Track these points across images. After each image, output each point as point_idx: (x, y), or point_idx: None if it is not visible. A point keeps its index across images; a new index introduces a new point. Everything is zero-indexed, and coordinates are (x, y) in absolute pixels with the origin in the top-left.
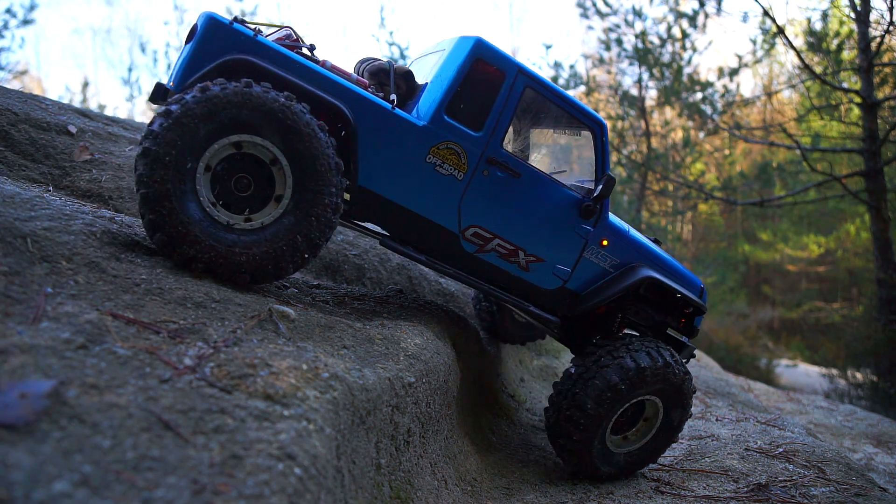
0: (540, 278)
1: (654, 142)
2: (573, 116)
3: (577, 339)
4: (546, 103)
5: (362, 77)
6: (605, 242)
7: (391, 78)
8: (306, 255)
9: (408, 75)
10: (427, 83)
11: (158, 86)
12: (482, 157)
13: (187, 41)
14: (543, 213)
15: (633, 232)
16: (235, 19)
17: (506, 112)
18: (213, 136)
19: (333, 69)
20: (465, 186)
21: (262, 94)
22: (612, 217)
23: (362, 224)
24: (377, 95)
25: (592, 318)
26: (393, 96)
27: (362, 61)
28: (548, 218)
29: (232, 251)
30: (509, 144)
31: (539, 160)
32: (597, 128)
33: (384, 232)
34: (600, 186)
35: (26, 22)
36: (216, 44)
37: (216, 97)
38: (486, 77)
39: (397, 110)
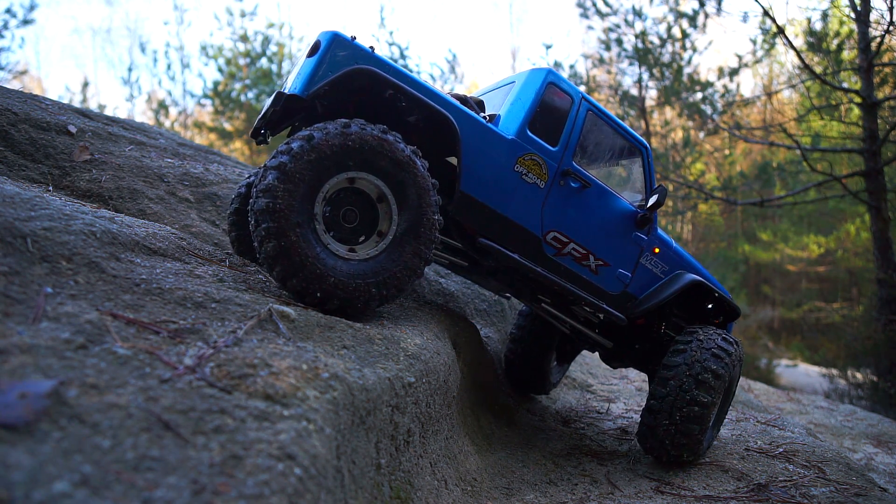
0: (606, 282)
1: (654, 142)
2: (624, 139)
3: (624, 354)
4: (603, 126)
5: None
6: (656, 250)
7: (470, 103)
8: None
9: (481, 104)
10: (498, 114)
11: (279, 94)
12: (558, 169)
13: (309, 55)
14: (609, 221)
15: (675, 243)
16: (354, 37)
17: (574, 131)
18: (339, 170)
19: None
20: (546, 194)
21: (395, 143)
22: (658, 229)
23: (446, 256)
24: None
25: (635, 331)
26: (484, 114)
27: None
28: (612, 226)
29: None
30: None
31: (595, 175)
32: (643, 149)
33: (463, 263)
34: (655, 197)
35: (26, 22)
36: (340, 57)
37: (354, 136)
38: (557, 100)
39: (490, 125)
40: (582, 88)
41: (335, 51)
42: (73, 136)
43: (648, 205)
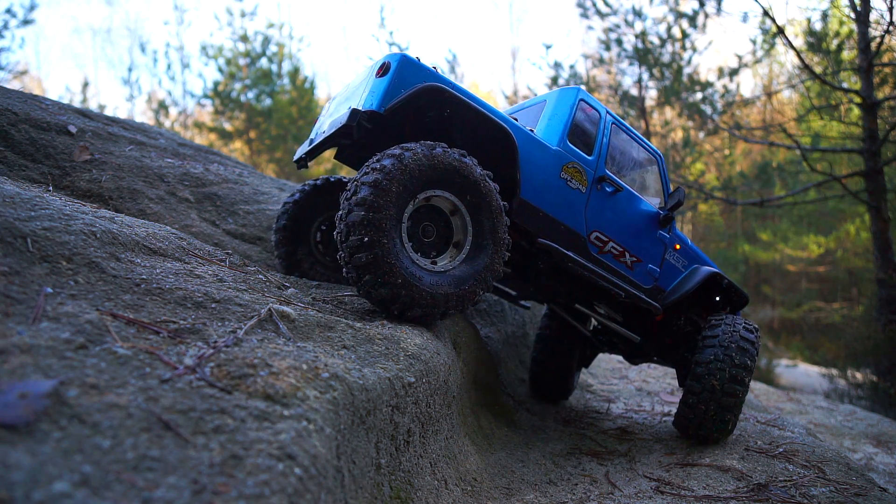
0: (640, 277)
1: (654, 142)
2: (642, 148)
3: (650, 348)
4: (624, 137)
5: None
6: (677, 247)
7: None
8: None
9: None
10: (534, 130)
11: (354, 111)
12: (595, 175)
13: (379, 75)
14: (638, 221)
15: (689, 241)
16: (418, 58)
17: (604, 142)
18: (453, 189)
19: None
20: (587, 198)
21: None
22: (676, 228)
23: (499, 286)
24: None
25: (654, 326)
26: (529, 128)
27: None
28: (641, 225)
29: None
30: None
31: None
32: (658, 157)
33: (511, 292)
34: (677, 197)
35: (26, 22)
36: (409, 76)
37: (486, 184)
38: (588, 115)
39: (538, 137)
40: (582, 88)
41: (405, 70)
42: (73, 136)
43: (669, 206)
